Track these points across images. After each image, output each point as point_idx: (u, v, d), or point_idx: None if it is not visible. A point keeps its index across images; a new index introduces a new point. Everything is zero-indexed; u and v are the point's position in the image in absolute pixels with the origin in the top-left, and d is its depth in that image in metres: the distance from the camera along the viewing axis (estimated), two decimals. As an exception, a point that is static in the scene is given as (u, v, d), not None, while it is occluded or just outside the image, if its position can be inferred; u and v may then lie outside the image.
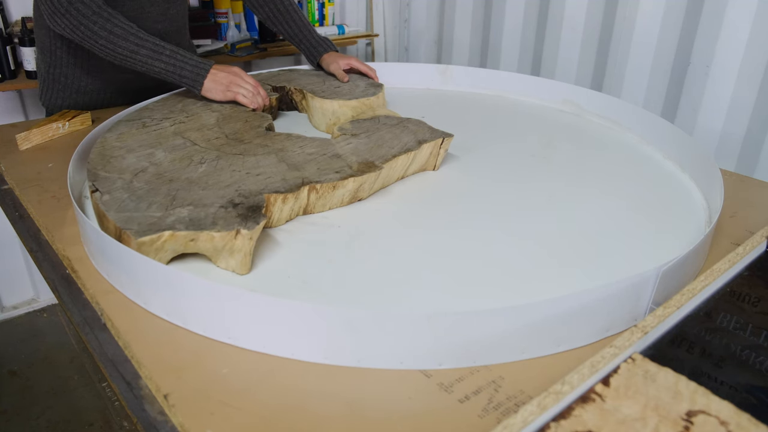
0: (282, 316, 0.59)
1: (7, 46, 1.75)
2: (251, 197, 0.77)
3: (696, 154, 1.03)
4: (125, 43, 1.08)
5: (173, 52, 1.11)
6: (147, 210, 0.75)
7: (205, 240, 0.70)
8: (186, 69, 1.11)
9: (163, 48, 1.10)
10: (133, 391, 0.58)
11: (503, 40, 2.19)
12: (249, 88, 1.13)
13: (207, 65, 1.13)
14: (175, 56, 1.10)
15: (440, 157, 1.01)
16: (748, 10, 1.49)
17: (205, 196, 0.78)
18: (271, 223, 0.81)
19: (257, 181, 0.82)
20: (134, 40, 1.08)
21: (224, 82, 1.12)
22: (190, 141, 0.97)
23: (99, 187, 0.81)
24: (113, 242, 0.67)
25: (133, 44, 1.08)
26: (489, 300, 0.69)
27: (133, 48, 1.08)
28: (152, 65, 1.10)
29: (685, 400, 0.46)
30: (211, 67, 1.13)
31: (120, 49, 1.08)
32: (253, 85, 1.14)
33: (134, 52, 1.09)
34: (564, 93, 1.39)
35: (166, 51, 1.10)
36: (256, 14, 1.43)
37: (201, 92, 1.13)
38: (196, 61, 1.12)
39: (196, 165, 0.88)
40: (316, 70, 1.44)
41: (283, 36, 1.44)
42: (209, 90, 1.12)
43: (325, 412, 0.54)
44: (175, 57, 1.10)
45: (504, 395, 0.56)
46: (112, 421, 1.66)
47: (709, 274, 0.65)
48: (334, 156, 0.92)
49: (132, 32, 1.08)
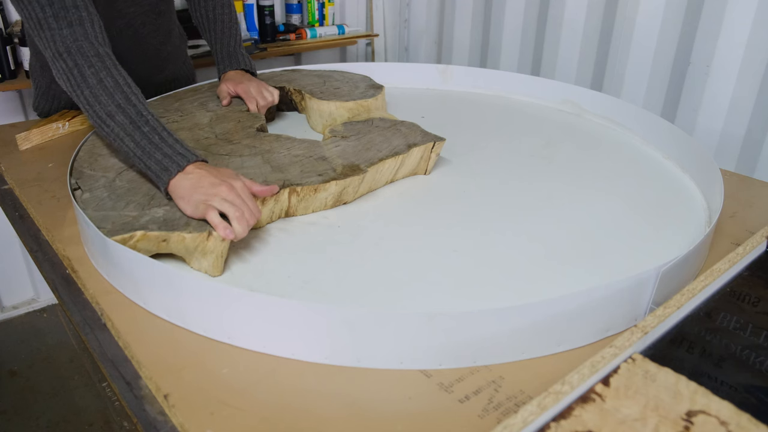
0: (282, 316, 0.59)
1: (7, 46, 1.75)
2: None
3: (696, 154, 1.03)
4: (107, 99, 0.82)
5: (153, 130, 0.80)
6: (124, 209, 0.75)
7: (176, 241, 0.70)
8: (156, 156, 0.79)
9: (145, 121, 0.81)
10: (133, 391, 0.58)
11: (503, 40, 2.19)
12: (236, 206, 0.73)
13: (183, 159, 0.78)
14: (152, 136, 0.80)
15: (432, 161, 1.00)
16: (748, 10, 1.49)
17: None
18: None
19: None
20: (119, 99, 0.82)
21: (204, 191, 0.74)
22: None
23: (81, 185, 0.82)
24: (113, 242, 0.67)
25: (114, 105, 0.81)
26: (489, 300, 0.69)
27: (111, 109, 0.81)
28: (122, 139, 0.81)
29: (685, 400, 0.46)
30: (190, 164, 0.78)
31: (98, 106, 0.82)
32: (244, 202, 0.74)
33: (110, 115, 0.81)
34: (564, 93, 1.39)
35: (145, 126, 0.80)
36: (192, 18, 1.25)
37: (166, 194, 0.78)
38: (172, 150, 0.79)
39: None
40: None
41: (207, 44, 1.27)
42: (180, 197, 0.75)
43: (325, 412, 0.54)
44: (151, 137, 0.80)
45: (504, 395, 0.56)
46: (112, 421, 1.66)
47: (709, 274, 0.65)
48: (320, 158, 0.91)
49: (124, 90, 0.83)
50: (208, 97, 1.19)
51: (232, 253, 0.76)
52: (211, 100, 1.17)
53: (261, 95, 1.14)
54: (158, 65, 1.29)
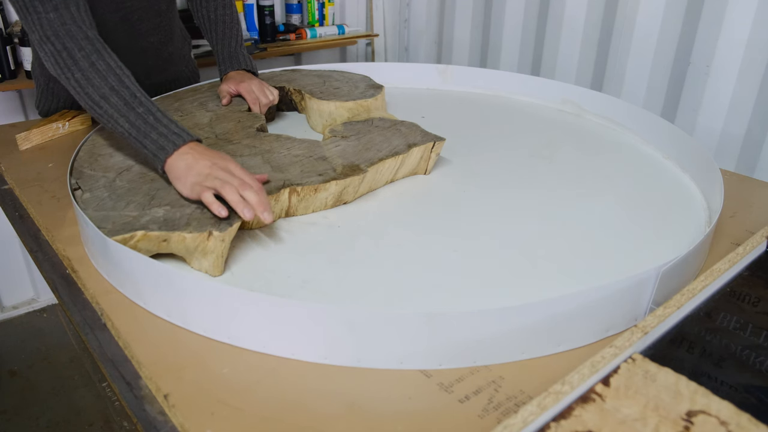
0: (282, 316, 0.59)
1: (7, 46, 1.75)
2: None
3: (696, 154, 1.03)
4: (101, 81, 0.82)
5: (148, 111, 0.81)
6: (124, 209, 0.75)
7: (177, 241, 0.70)
8: (151, 136, 0.80)
9: (139, 102, 0.82)
10: (133, 391, 0.58)
11: (503, 40, 2.19)
12: (236, 183, 0.74)
13: (180, 138, 0.80)
14: (147, 116, 0.81)
15: (432, 160, 1.01)
16: (748, 10, 1.49)
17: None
18: (251, 225, 0.81)
19: None
20: (112, 82, 0.82)
21: (202, 171, 0.76)
22: None
23: (82, 185, 0.82)
24: (113, 242, 0.67)
25: (107, 87, 0.82)
26: (489, 300, 0.69)
27: (105, 92, 0.82)
28: (116, 120, 0.81)
29: (685, 400, 0.46)
30: (186, 144, 0.79)
31: (91, 89, 0.82)
32: (239, 179, 0.75)
33: (104, 97, 0.82)
34: (564, 93, 1.39)
35: (140, 107, 0.81)
36: (194, 18, 1.26)
37: (163, 173, 0.81)
38: (167, 129, 0.80)
39: None
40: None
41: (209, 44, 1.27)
42: (177, 177, 0.78)
43: (325, 412, 0.54)
44: (146, 117, 0.81)
45: (504, 395, 0.56)
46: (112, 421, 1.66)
47: (709, 274, 0.65)
48: (320, 158, 0.91)
49: (116, 72, 0.83)
50: (208, 97, 1.19)
51: (232, 253, 0.76)
52: (210, 100, 1.17)
53: (263, 94, 1.15)
54: (159, 65, 1.28)
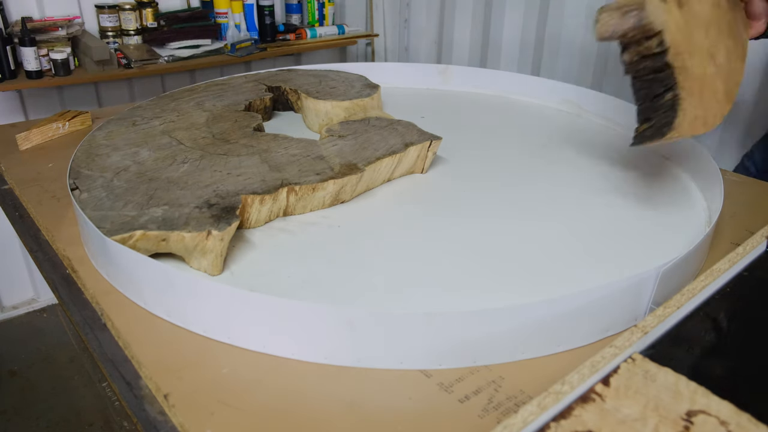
0: (282, 316, 0.59)
1: (7, 46, 1.75)
2: (228, 198, 0.77)
3: (696, 154, 1.03)
4: None
5: None
6: (122, 209, 0.75)
7: (176, 240, 0.70)
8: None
9: None
10: (133, 391, 0.58)
11: (503, 40, 2.19)
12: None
13: None
14: None
15: (428, 159, 1.01)
16: (748, 10, 1.48)
17: (182, 196, 0.78)
18: (249, 224, 0.81)
19: (236, 181, 0.82)
20: None
21: None
22: (176, 140, 0.97)
23: (79, 185, 0.82)
24: (113, 242, 0.67)
25: None
26: (489, 300, 0.69)
27: None
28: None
29: (685, 400, 0.46)
30: None
31: None
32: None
33: None
34: (564, 93, 1.39)
35: None
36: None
37: None
38: None
39: (178, 164, 0.88)
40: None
41: None
42: None
43: (325, 412, 0.54)
44: None
45: (504, 395, 0.56)
46: (112, 421, 1.66)
47: (709, 274, 0.65)
48: (317, 157, 0.91)
49: None
50: (205, 97, 1.19)
51: (231, 253, 0.76)
52: (207, 100, 1.17)
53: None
54: None
